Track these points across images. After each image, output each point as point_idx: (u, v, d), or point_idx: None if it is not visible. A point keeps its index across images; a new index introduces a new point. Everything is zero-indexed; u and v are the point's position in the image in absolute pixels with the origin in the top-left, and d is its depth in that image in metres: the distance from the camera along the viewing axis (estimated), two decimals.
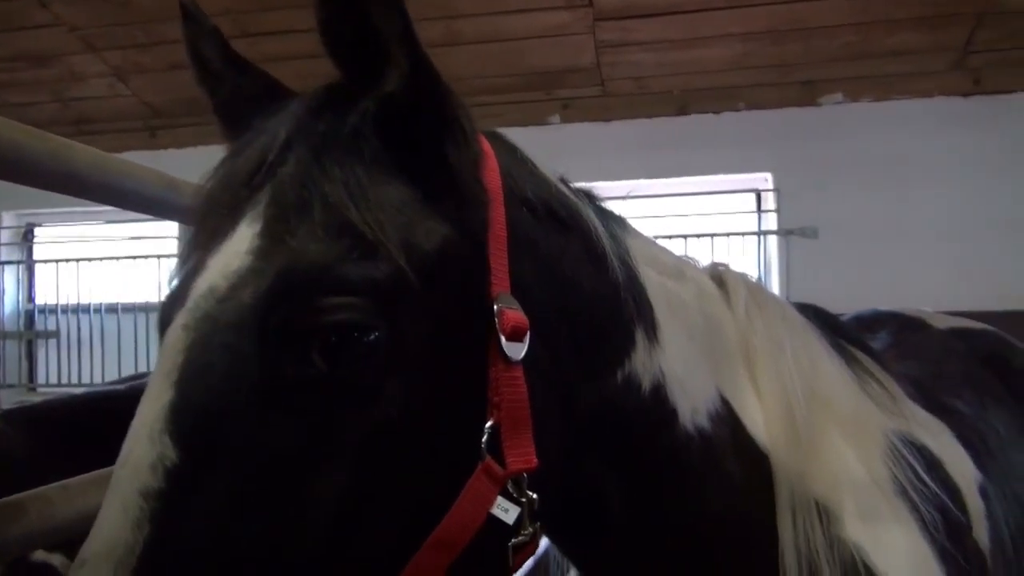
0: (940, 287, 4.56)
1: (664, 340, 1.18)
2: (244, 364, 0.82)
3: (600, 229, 1.16)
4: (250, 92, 1.13)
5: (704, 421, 1.19)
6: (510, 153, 1.12)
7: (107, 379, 5.64)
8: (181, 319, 0.87)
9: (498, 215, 0.99)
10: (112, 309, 5.90)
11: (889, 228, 4.98)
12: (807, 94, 5.17)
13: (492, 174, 1.02)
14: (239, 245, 0.89)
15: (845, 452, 1.33)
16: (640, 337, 1.15)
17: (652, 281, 1.22)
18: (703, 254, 1.42)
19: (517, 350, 0.96)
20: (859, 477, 1.33)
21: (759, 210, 5.44)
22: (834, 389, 1.39)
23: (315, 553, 0.83)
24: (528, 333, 0.97)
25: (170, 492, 0.80)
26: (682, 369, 1.19)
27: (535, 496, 0.97)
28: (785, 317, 1.40)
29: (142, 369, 5.47)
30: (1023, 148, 4.90)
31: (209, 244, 0.92)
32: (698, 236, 5.25)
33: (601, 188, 1.25)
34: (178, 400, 0.82)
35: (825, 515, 1.24)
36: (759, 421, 1.27)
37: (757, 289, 1.40)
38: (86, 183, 1.39)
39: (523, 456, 0.96)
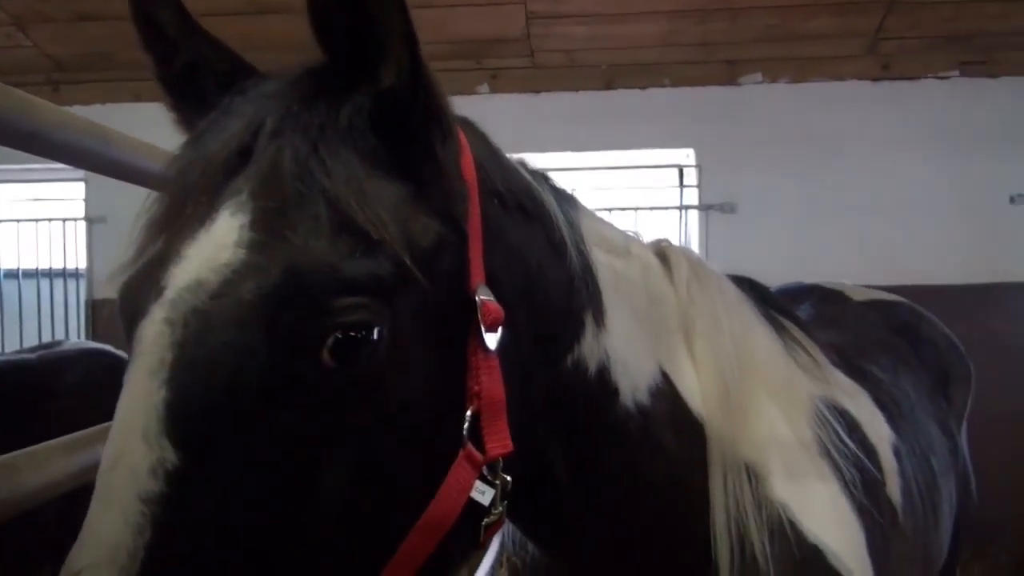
0: (846, 262, 4.81)
1: (610, 323, 1.23)
2: (250, 363, 0.80)
3: (560, 217, 1.20)
4: (214, 68, 1.08)
5: (644, 397, 1.26)
6: (483, 143, 1.15)
7: (7, 348, 5.34)
8: (161, 312, 0.83)
9: (474, 207, 1.02)
10: (12, 275, 5.57)
11: (802, 205, 5.21)
12: (729, 73, 5.31)
13: (468, 166, 1.04)
14: (224, 236, 0.85)
15: (774, 416, 1.41)
16: (589, 323, 1.20)
17: (602, 264, 1.26)
18: (628, 227, 1.48)
19: (494, 340, 0.99)
20: (786, 439, 1.41)
21: (681, 185, 5.59)
22: (765, 358, 1.47)
23: (315, 545, 0.84)
24: (502, 323, 1.00)
25: (172, 495, 0.77)
26: (625, 349, 1.25)
27: (508, 478, 1.02)
28: (722, 290, 1.47)
29: (47, 338, 5.20)
30: (926, 132, 5.20)
31: (181, 230, 0.88)
32: (623, 210, 5.35)
33: (529, 160, 1.27)
34: (174, 400, 0.79)
35: (754, 476, 1.32)
36: (695, 391, 1.33)
37: (697, 264, 1.47)
38: (9, 130, 1.31)
39: (501, 441, 1.01)
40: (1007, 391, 4.58)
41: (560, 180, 1.34)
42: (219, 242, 0.85)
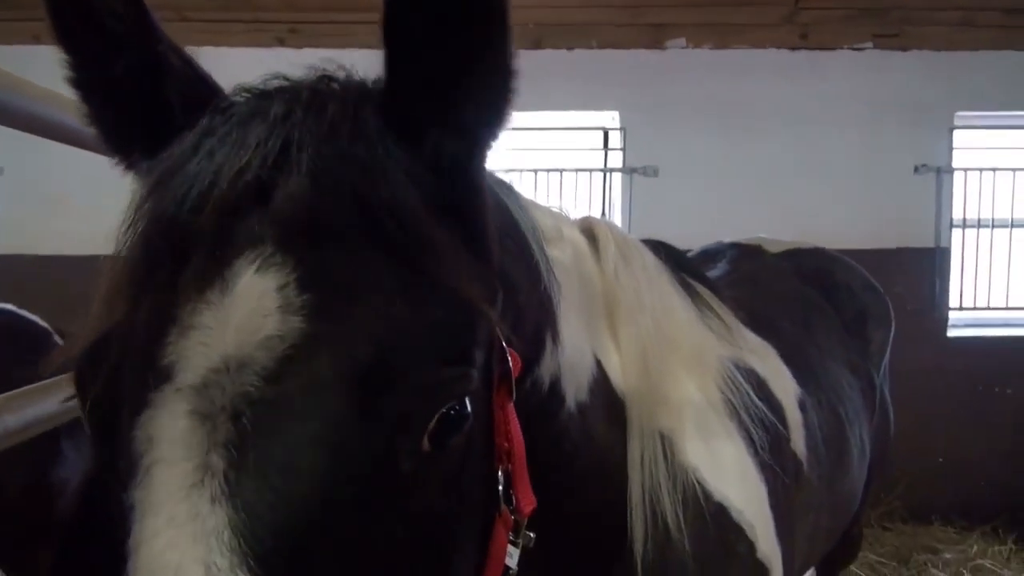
0: (763, 226, 4.91)
1: (563, 334, 1.20)
2: (344, 461, 0.65)
3: (535, 246, 1.15)
4: (176, 79, 0.84)
5: (584, 396, 1.26)
6: (491, 181, 1.06)
7: None
8: (184, 402, 0.65)
9: (495, 251, 0.93)
10: None
11: (722, 169, 5.33)
12: (655, 37, 5.34)
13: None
14: (259, 299, 0.67)
15: (687, 384, 1.46)
16: (548, 342, 1.17)
17: (555, 265, 1.21)
18: (553, 189, 1.47)
19: (513, 392, 0.91)
20: (697, 404, 1.47)
21: (606, 148, 5.63)
22: (681, 329, 1.52)
23: None
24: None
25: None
26: (573, 355, 1.23)
27: (532, 535, 0.94)
28: (645, 266, 1.50)
29: None
30: (840, 101, 5.37)
31: (176, 291, 0.69)
32: (547, 171, 5.36)
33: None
34: (249, 521, 0.62)
35: (668, 445, 1.36)
36: (618, 370, 1.35)
37: (623, 241, 1.48)
38: None
39: (528, 497, 0.93)
40: (909, 351, 4.84)
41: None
42: (253, 307, 0.67)
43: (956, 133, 5.46)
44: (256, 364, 0.65)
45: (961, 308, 5.54)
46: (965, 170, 5.48)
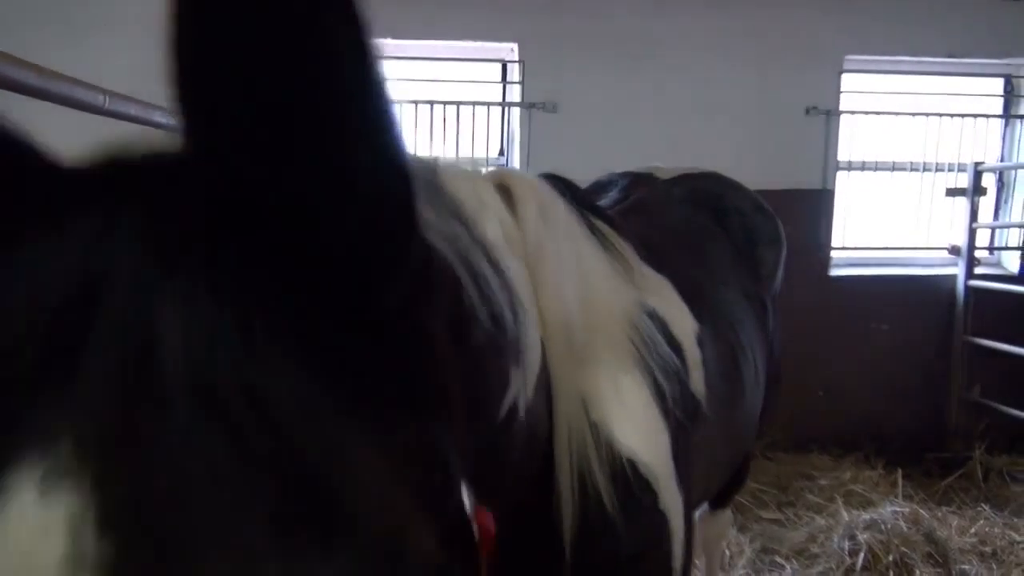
0: (657, 161, 4.95)
1: (525, 355, 1.12)
2: None
3: (499, 296, 1.01)
4: None
5: (531, 393, 1.16)
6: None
7: None
8: None
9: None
10: None
11: (621, 105, 5.26)
12: None
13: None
14: (33, 541, 0.42)
15: (600, 342, 1.40)
16: (515, 376, 1.08)
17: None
18: (450, 122, 1.35)
19: None
20: (607, 357, 1.41)
21: (504, 81, 5.45)
22: (597, 288, 1.45)
23: None
24: None
25: None
26: (531, 365, 1.15)
27: None
28: (560, 220, 1.40)
29: None
30: (738, 39, 5.37)
31: None
32: (444, 103, 5.15)
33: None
34: None
35: (586, 404, 1.31)
36: (539, 338, 1.25)
37: (544, 200, 1.37)
38: None
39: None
40: (794, 291, 4.99)
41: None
42: (24, 551, 0.43)
43: (844, 76, 5.58)
44: None
45: (843, 248, 5.77)
46: (852, 113, 5.63)
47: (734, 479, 2.75)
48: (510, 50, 5.31)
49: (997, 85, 5.99)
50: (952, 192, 5.69)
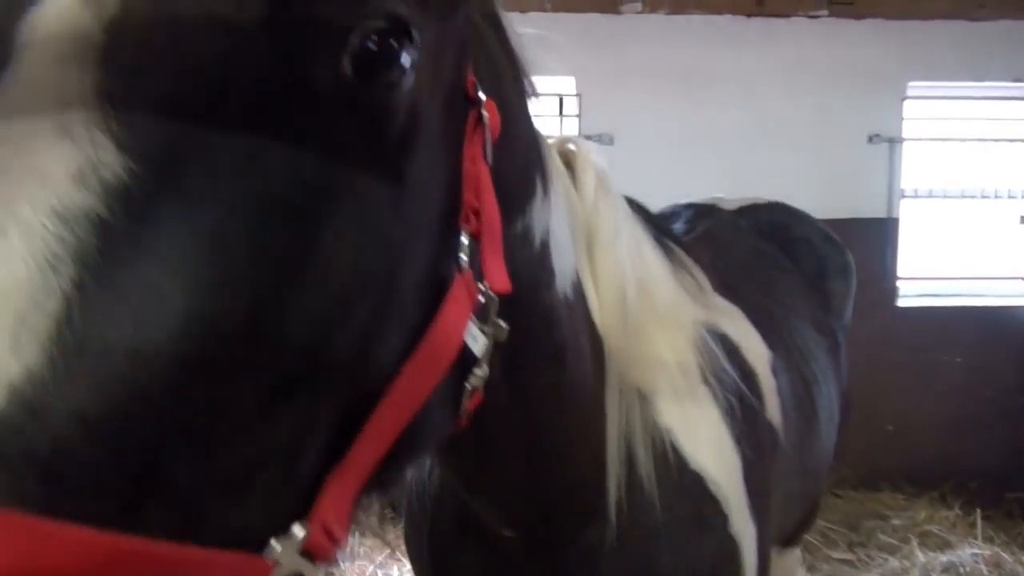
0: (716, 193, 4.91)
1: (552, 196, 1.12)
2: (246, 41, 0.56)
3: (523, 64, 1.08)
4: None
5: (570, 292, 1.16)
6: None
7: None
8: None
9: None
10: None
11: (677, 136, 5.26)
12: (611, 1, 5.21)
13: None
14: None
15: (661, 340, 1.37)
16: (539, 187, 1.08)
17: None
18: None
19: (491, 152, 0.84)
20: (672, 365, 1.38)
21: (561, 115, 5.50)
22: (656, 281, 1.43)
23: (286, 375, 0.59)
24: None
25: (116, 221, 0.50)
26: (560, 232, 1.14)
27: (504, 324, 0.85)
28: (621, 206, 1.39)
29: None
30: (794, 69, 5.33)
31: None
32: None
33: None
34: (120, 70, 0.53)
35: (643, 400, 1.28)
36: (596, 306, 1.25)
37: (602, 172, 1.37)
38: None
39: (500, 277, 0.84)
40: (860, 321, 4.86)
41: None
42: None
43: (907, 103, 5.47)
44: None
45: (911, 278, 5.60)
46: (916, 140, 5.51)
47: (807, 516, 2.66)
48: (567, 84, 5.36)
49: None
50: None
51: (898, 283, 5.54)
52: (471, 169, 0.81)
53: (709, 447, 1.39)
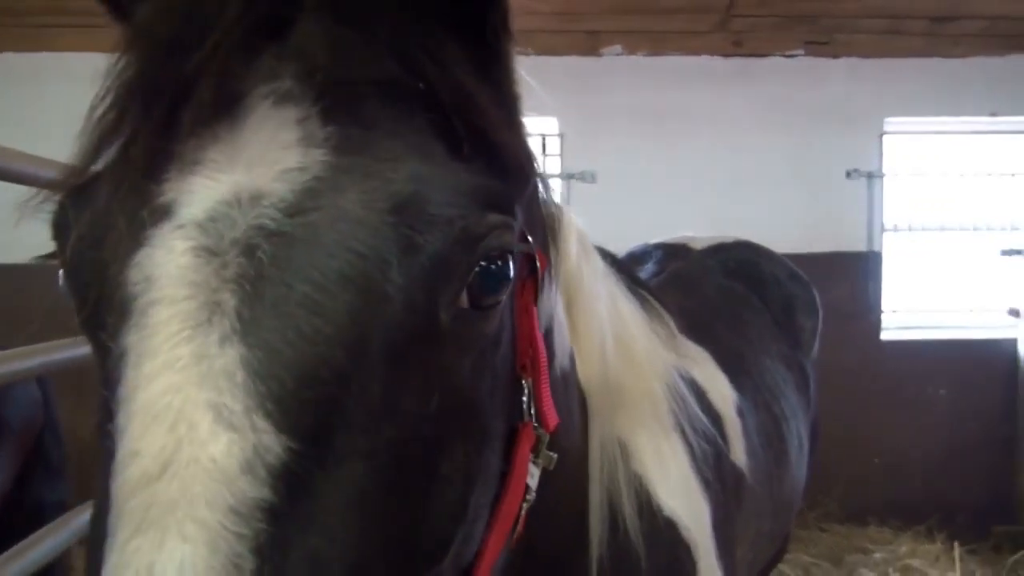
0: (696, 230, 4.94)
1: (556, 283, 1.15)
2: (378, 302, 0.59)
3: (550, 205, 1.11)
4: None
5: (567, 363, 1.19)
6: None
7: None
8: (183, 239, 0.58)
9: None
10: None
11: (657, 175, 5.33)
12: (591, 44, 5.32)
13: None
14: (275, 132, 0.61)
15: (637, 390, 1.40)
16: (549, 280, 1.11)
17: None
18: None
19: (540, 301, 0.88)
20: (648, 415, 1.41)
21: (544, 154, 5.57)
22: (631, 334, 1.46)
23: (434, 543, 0.66)
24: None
25: (283, 503, 0.53)
26: (560, 313, 1.18)
27: (554, 456, 0.89)
28: (598, 261, 1.44)
29: None
30: (772, 108, 5.42)
31: (186, 123, 0.61)
32: None
33: None
34: (265, 360, 0.55)
35: (624, 452, 1.31)
36: (579, 366, 1.28)
37: (583, 236, 1.41)
38: None
39: (552, 416, 0.87)
40: (844, 355, 4.89)
41: None
42: (268, 140, 0.61)
43: (886, 139, 5.56)
44: (274, 196, 0.59)
45: (894, 311, 5.64)
46: (896, 175, 5.59)
47: (777, 552, 2.66)
48: (549, 124, 5.45)
49: None
50: (1008, 252, 5.56)
51: (881, 316, 5.58)
52: (525, 319, 0.83)
53: (680, 492, 1.41)
